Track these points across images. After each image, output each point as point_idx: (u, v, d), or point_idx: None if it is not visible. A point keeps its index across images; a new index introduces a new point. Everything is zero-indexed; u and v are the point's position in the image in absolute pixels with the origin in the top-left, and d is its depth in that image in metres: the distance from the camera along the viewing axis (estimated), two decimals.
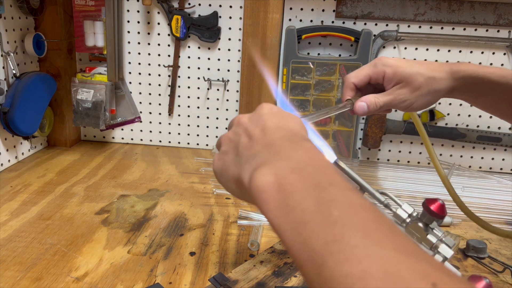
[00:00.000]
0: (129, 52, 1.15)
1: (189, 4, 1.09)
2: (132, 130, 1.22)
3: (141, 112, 1.20)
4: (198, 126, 1.20)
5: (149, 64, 1.16)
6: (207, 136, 1.21)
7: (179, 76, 1.16)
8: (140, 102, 1.19)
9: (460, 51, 1.08)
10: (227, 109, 1.18)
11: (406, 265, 0.23)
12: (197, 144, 1.22)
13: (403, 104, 0.58)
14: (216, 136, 1.20)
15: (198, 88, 1.17)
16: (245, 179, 0.33)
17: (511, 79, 0.56)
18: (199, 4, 1.09)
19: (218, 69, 1.15)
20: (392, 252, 0.24)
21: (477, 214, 0.87)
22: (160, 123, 1.21)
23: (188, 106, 1.18)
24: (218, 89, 1.16)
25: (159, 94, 1.18)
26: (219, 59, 1.14)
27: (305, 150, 0.34)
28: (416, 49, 1.09)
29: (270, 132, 0.36)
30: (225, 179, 0.38)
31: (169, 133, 1.22)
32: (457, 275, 0.24)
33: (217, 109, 1.18)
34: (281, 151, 0.33)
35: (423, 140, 0.71)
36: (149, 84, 1.17)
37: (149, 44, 1.14)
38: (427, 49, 1.09)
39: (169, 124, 1.21)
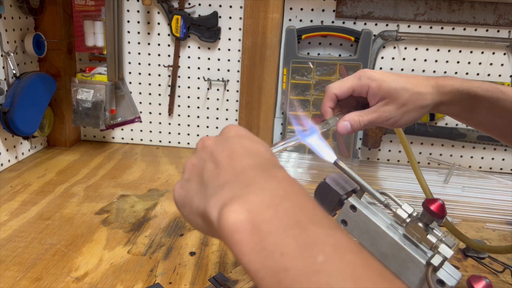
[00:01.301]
0: (129, 52, 1.15)
1: (189, 4, 1.09)
2: (132, 130, 1.22)
3: (141, 112, 1.20)
4: (198, 126, 1.20)
5: (149, 64, 1.16)
6: (207, 136, 1.21)
7: (179, 76, 1.16)
8: (140, 102, 1.19)
9: (460, 51, 1.08)
10: (227, 109, 1.18)
11: None
12: None
13: (388, 121, 0.56)
14: None
15: (198, 88, 1.17)
16: (213, 215, 0.29)
17: (497, 93, 0.54)
18: (199, 4, 1.09)
19: (218, 69, 1.15)
20: None
21: (477, 214, 0.87)
22: (160, 123, 1.21)
23: (188, 106, 1.18)
24: (218, 89, 1.16)
25: (159, 94, 1.18)
26: (219, 59, 1.14)
27: (279, 180, 0.30)
28: (416, 49, 1.09)
29: (239, 158, 0.32)
30: (188, 211, 0.34)
31: (169, 133, 1.22)
32: None
33: (217, 109, 1.18)
34: (253, 183, 0.29)
35: (407, 154, 0.70)
36: (149, 84, 1.17)
37: (149, 44, 1.14)
38: (427, 49, 1.09)
39: (169, 124, 1.21)
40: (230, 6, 1.09)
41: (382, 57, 1.10)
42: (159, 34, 1.13)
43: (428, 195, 0.66)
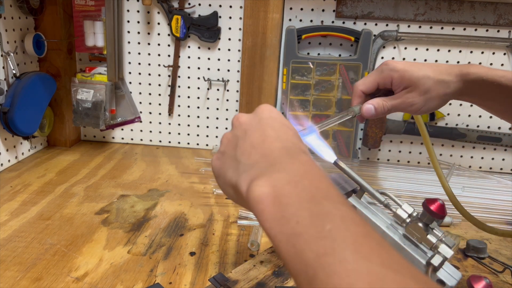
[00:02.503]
0: (129, 52, 1.15)
1: (189, 4, 1.09)
2: (132, 130, 1.22)
3: (141, 112, 1.20)
4: (198, 126, 1.20)
5: (149, 64, 1.16)
6: (207, 136, 1.21)
7: (179, 76, 1.16)
8: (140, 102, 1.19)
9: (460, 51, 1.08)
10: (227, 109, 1.18)
11: (391, 281, 0.24)
12: (197, 144, 1.22)
13: (411, 107, 0.57)
14: (216, 136, 1.21)
15: (198, 88, 1.17)
16: (243, 187, 0.34)
17: None
18: (199, 4, 1.09)
19: (218, 69, 1.15)
20: (379, 267, 0.25)
21: (477, 214, 0.87)
22: (160, 123, 1.21)
23: (188, 106, 1.18)
24: (218, 89, 1.16)
25: (159, 94, 1.18)
26: (219, 59, 1.14)
27: (302, 163, 0.34)
28: (416, 49, 1.09)
29: (269, 140, 0.36)
30: (223, 182, 0.39)
31: (169, 133, 1.22)
32: None
33: (217, 109, 1.18)
34: (278, 163, 0.34)
35: (424, 142, 0.71)
36: (149, 84, 1.17)
37: (149, 44, 1.14)
38: (427, 49, 1.09)
39: (169, 124, 1.21)
40: (230, 6, 1.09)
41: (382, 57, 1.10)
42: (159, 34, 1.13)
43: (447, 191, 0.66)
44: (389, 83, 0.58)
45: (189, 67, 1.15)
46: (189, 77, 1.16)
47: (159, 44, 1.14)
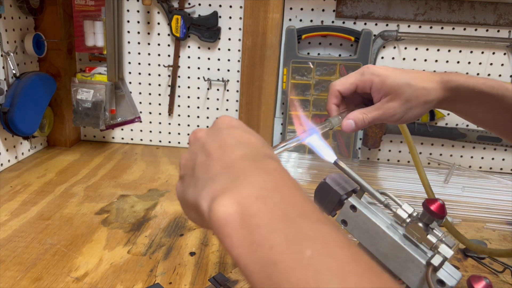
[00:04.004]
0: (129, 52, 1.15)
1: (189, 4, 1.09)
2: (132, 130, 1.22)
3: (141, 112, 1.20)
4: (198, 126, 1.20)
5: (149, 64, 1.16)
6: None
7: (179, 76, 1.16)
8: (140, 102, 1.19)
9: (460, 51, 1.08)
10: (227, 109, 1.18)
11: None
12: None
13: (392, 118, 0.56)
14: None
15: (198, 88, 1.17)
16: (203, 207, 0.29)
17: (502, 90, 0.54)
18: (199, 4, 1.09)
19: (218, 69, 1.15)
20: None
21: (477, 214, 0.87)
22: (160, 123, 1.21)
23: (188, 106, 1.18)
24: (218, 89, 1.16)
25: (159, 94, 1.18)
26: (219, 59, 1.14)
27: (269, 172, 0.30)
28: (416, 49, 1.09)
29: (230, 149, 0.32)
30: (184, 205, 0.35)
31: (169, 133, 1.21)
32: None
33: (217, 109, 1.18)
34: (242, 175, 0.29)
35: (408, 146, 0.70)
36: (149, 84, 1.17)
37: (149, 44, 1.14)
38: (427, 49, 1.09)
39: (169, 124, 1.21)
40: (230, 6, 1.09)
41: (382, 57, 1.10)
42: (159, 34, 1.13)
43: (429, 194, 0.65)
44: (369, 87, 0.56)
45: (189, 67, 1.15)
46: (189, 77, 1.16)
47: (159, 44, 1.14)
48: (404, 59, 1.10)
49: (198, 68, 1.15)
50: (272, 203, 0.27)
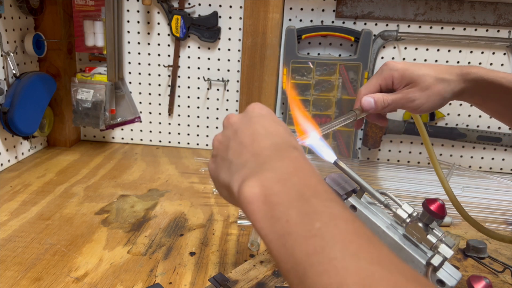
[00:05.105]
0: (129, 52, 1.15)
1: (189, 4, 1.09)
2: (132, 130, 1.22)
3: (141, 112, 1.20)
4: (198, 126, 1.20)
5: (149, 64, 1.16)
6: (207, 136, 1.21)
7: (179, 76, 1.16)
8: (140, 102, 1.19)
9: (460, 51, 1.08)
10: (227, 109, 1.18)
11: (381, 277, 0.24)
12: (197, 144, 1.22)
13: (412, 103, 0.57)
14: None
15: (198, 88, 1.17)
16: (235, 188, 0.34)
17: None
18: (199, 4, 1.09)
19: (218, 69, 1.15)
20: (369, 264, 0.25)
21: (477, 214, 0.87)
22: (160, 123, 1.21)
23: (188, 106, 1.18)
24: (218, 89, 1.16)
25: (159, 94, 1.18)
26: (219, 59, 1.14)
27: (291, 159, 0.34)
28: (416, 49, 1.09)
29: (259, 138, 0.36)
30: (218, 184, 0.39)
31: (169, 133, 1.21)
32: (431, 286, 0.26)
33: (217, 109, 1.18)
34: (268, 161, 0.34)
35: (424, 142, 0.71)
36: (149, 84, 1.17)
37: (149, 44, 1.14)
38: (427, 49, 1.09)
39: (169, 124, 1.21)
40: (230, 6, 1.09)
41: (382, 57, 1.10)
42: (159, 34, 1.13)
43: (449, 193, 0.66)
44: (390, 83, 0.58)
45: (189, 67, 1.15)
46: (189, 77, 1.16)
47: (159, 44, 1.14)
48: (404, 59, 1.10)
49: (198, 68, 1.15)
50: (290, 185, 0.31)
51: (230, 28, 1.11)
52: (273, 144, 0.36)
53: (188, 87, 1.17)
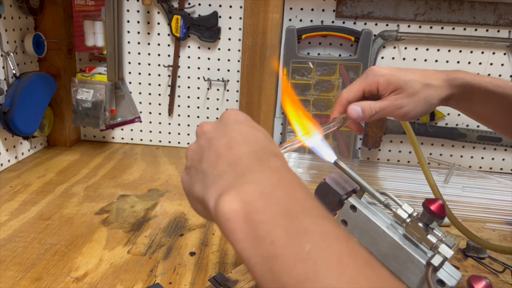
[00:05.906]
0: (129, 52, 1.15)
1: (189, 4, 1.09)
2: (132, 130, 1.22)
3: (141, 112, 1.20)
4: (198, 126, 1.20)
5: (149, 64, 1.16)
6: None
7: (179, 76, 1.16)
8: (140, 102, 1.19)
9: (460, 51, 1.08)
10: (227, 109, 1.17)
11: None
12: None
13: (400, 111, 0.55)
14: None
15: (198, 88, 1.17)
16: (211, 203, 0.30)
17: (508, 89, 0.54)
18: (199, 4, 1.09)
19: (218, 69, 1.15)
20: None
21: (477, 214, 0.87)
22: (160, 123, 1.21)
23: (188, 106, 1.18)
24: (218, 89, 1.16)
25: (159, 94, 1.18)
26: (219, 59, 1.14)
27: (273, 169, 0.31)
28: (416, 49, 1.09)
29: (236, 146, 0.33)
30: (191, 198, 0.36)
31: (169, 133, 1.21)
32: None
33: (217, 109, 1.18)
34: (248, 172, 0.30)
35: (413, 146, 0.70)
36: (149, 84, 1.17)
37: (149, 44, 1.14)
38: (427, 49, 1.09)
39: (169, 124, 1.21)
40: (230, 6, 1.09)
41: (382, 57, 1.10)
42: (159, 34, 1.13)
43: (436, 193, 0.66)
44: (375, 88, 0.56)
45: (189, 67, 1.15)
46: (189, 77, 1.16)
47: (159, 44, 1.14)
48: (404, 59, 1.10)
49: (198, 68, 1.15)
50: (274, 199, 0.28)
51: (230, 28, 1.11)
52: (252, 151, 0.32)
53: (188, 87, 1.17)
